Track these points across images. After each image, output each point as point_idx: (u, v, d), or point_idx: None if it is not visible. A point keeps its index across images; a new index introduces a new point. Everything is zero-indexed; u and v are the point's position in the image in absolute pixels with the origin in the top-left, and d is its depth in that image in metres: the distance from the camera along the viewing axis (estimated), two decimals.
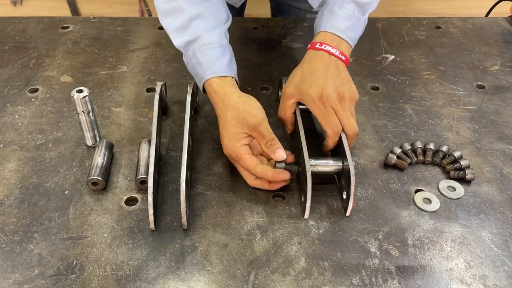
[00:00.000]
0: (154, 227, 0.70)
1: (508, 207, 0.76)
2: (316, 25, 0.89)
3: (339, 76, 0.80)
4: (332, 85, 0.78)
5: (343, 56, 0.83)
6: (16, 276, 0.64)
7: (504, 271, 0.67)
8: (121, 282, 0.64)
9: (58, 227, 0.71)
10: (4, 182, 0.78)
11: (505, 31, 1.23)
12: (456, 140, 0.89)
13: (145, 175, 0.75)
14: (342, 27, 0.84)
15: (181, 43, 0.84)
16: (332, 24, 0.84)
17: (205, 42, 0.82)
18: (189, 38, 0.82)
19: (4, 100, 0.94)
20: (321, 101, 0.77)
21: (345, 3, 0.86)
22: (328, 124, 0.77)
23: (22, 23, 1.19)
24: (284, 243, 0.70)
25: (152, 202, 0.69)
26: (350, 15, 0.85)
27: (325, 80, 0.78)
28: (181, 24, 0.83)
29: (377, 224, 0.73)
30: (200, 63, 0.81)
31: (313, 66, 0.81)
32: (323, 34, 0.85)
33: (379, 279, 0.65)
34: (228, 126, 0.75)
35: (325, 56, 0.82)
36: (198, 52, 0.82)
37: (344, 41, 0.84)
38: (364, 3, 0.86)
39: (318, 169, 0.76)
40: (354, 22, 0.86)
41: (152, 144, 0.75)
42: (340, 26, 0.84)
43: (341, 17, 0.85)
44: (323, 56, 0.82)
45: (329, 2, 0.88)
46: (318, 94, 0.77)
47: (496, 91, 1.02)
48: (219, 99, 0.78)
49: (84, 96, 0.78)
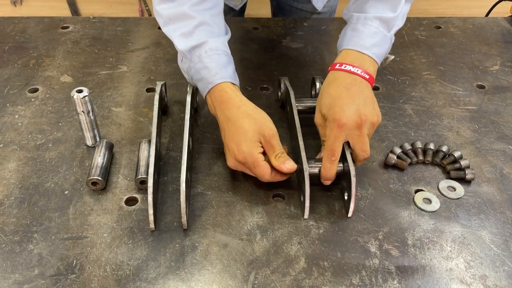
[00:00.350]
0: (154, 227, 0.70)
1: (508, 207, 0.76)
2: (338, 45, 0.86)
3: (361, 96, 0.75)
4: (352, 108, 0.73)
5: (366, 75, 0.78)
6: (16, 276, 0.64)
7: (504, 271, 0.67)
8: (121, 282, 0.64)
9: (58, 227, 0.71)
10: (4, 182, 0.78)
11: (505, 31, 1.23)
12: (456, 140, 0.89)
13: (145, 175, 0.75)
14: (367, 44, 0.80)
15: (185, 47, 0.81)
16: (356, 42, 0.81)
17: (212, 47, 0.80)
18: (195, 43, 0.81)
19: (4, 100, 0.94)
20: (336, 124, 0.73)
21: (368, 20, 0.82)
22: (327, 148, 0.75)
23: (22, 23, 1.19)
24: (284, 243, 0.70)
25: (152, 202, 0.69)
26: (375, 32, 0.82)
27: (345, 102, 0.74)
28: (187, 30, 0.81)
29: (377, 224, 0.73)
30: (207, 68, 0.80)
31: (334, 88, 0.77)
32: (344, 53, 0.81)
33: (379, 279, 0.65)
34: (246, 134, 0.74)
35: (346, 76, 0.78)
36: (205, 57, 0.80)
37: (368, 57, 0.80)
38: (388, 19, 0.82)
39: (318, 171, 0.76)
40: (380, 39, 0.82)
41: (152, 144, 0.75)
42: (364, 43, 0.80)
43: (365, 35, 0.81)
44: (344, 76, 0.78)
45: (351, 21, 0.84)
46: (336, 117, 0.73)
47: (496, 91, 1.02)
48: (234, 105, 0.77)
49: (84, 96, 0.78)
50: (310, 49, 1.13)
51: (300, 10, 1.30)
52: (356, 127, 0.73)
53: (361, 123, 0.73)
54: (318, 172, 0.75)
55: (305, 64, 1.08)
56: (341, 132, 0.73)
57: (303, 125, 0.80)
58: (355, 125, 0.73)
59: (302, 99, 0.88)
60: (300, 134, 0.77)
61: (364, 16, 0.83)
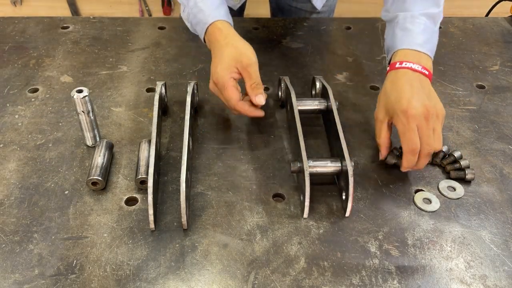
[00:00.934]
0: (154, 227, 0.70)
1: (508, 207, 0.76)
2: (389, 46, 0.88)
3: (425, 91, 0.78)
4: (419, 99, 0.76)
5: (426, 71, 0.81)
6: (16, 276, 0.64)
7: (504, 271, 0.67)
8: (121, 282, 0.64)
9: (58, 227, 0.71)
10: (4, 182, 0.78)
11: (505, 31, 1.23)
12: (456, 140, 0.89)
13: (145, 175, 0.75)
14: (420, 41, 0.83)
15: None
16: (410, 41, 0.84)
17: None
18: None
19: (4, 100, 0.94)
20: (406, 116, 0.75)
21: (415, 18, 0.85)
22: (405, 141, 0.75)
23: (22, 23, 1.19)
24: (284, 243, 0.70)
25: (152, 202, 0.69)
26: (424, 28, 0.85)
27: (411, 94, 0.76)
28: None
29: (377, 224, 0.73)
30: (202, 11, 0.88)
31: (397, 84, 0.80)
32: (401, 52, 0.83)
33: (379, 279, 0.65)
34: (224, 59, 0.82)
35: (408, 73, 0.80)
36: (199, 1, 0.89)
37: (424, 54, 0.83)
38: (434, 14, 0.86)
39: (316, 170, 0.76)
40: (430, 34, 0.85)
41: (152, 144, 0.75)
42: (418, 41, 0.83)
43: (416, 33, 0.84)
44: (406, 73, 0.80)
45: (397, 21, 0.87)
46: (404, 108, 0.75)
47: (496, 91, 1.02)
48: (222, 37, 0.85)
49: (84, 96, 0.78)
50: (310, 49, 1.13)
51: (299, 9, 1.30)
52: (424, 118, 0.74)
53: (428, 114, 0.75)
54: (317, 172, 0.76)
55: (305, 64, 1.08)
56: (413, 123, 0.74)
57: (303, 125, 0.80)
58: (422, 116, 0.74)
59: (302, 99, 0.89)
60: (301, 134, 0.77)
61: (410, 15, 0.86)
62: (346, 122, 0.92)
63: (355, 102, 0.97)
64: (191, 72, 1.04)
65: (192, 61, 1.07)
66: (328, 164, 0.77)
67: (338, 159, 0.77)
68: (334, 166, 0.76)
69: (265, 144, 0.87)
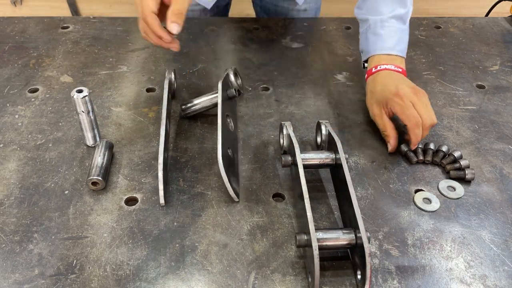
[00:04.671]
0: (164, 202, 0.73)
1: (508, 207, 0.76)
2: (363, 49, 0.96)
3: (404, 79, 0.88)
4: (403, 83, 0.85)
5: (400, 69, 0.90)
6: (16, 276, 0.64)
7: (504, 271, 0.67)
8: (121, 282, 0.64)
9: (58, 227, 0.71)
10: (4, 182, 0.78)
11: (505, 31, 1.23)
12: (456, 140, 0.89)
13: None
14: (391, 45, 0.91)
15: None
16: (381, 46, 0.92)
17: None
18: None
19: (4, 100, 0.94)
20: (399, 96, 0.83)
21: (385, 22, 0.93)
22: (407, 118, 0.81)
23: (22, 23, 1.20)
24: (284, 243, 0.70)
25: (162, 178, 0.72)
26: (394, 31, 0.92)
27: (394, 81, 0.86)
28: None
29: (377, 224, 0.73)
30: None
31: (379, 80, 0.89)
32: (376, 58, 0.92)
33: (379, 279, 0.65)
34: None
35: (385, 71, 0.89)
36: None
37: (396, 56, 0.91)
38: (402, 14, 0.93)
39: (327, 244, 0.65)
40: (400, 35, 0.93)
41: (162, 125, 0.79)
42: (389, 45, 0.91)
43: (387, 37, 0.92)
44: (383, 72, 0.89)
45: (369, 25, 0.95)
46: (394, 91, 0.83)
47: (496, 91, 1.02)
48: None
49: (84, 96, 0.78)
50: (310, 49, 1.13)
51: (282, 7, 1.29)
52: (415, 95, 0.82)
53: (416, 92, 0.83)
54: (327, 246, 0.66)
55: (305, 64, 1.08)
56: (407, 100, 0.82)
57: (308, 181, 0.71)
58: (412, 93, 0.83)
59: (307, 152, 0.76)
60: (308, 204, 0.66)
61: (380, 19, 0.93)
62: (346, 122, 0.92)
63: (355, 102, 0.97)
64: (191, 72, 1.04)
65: (192, 61, 1.08)
66: (340, 236, 0.65)
67: (352, 229, 0.66)
68: (347, 238, 0.65)
69: (265, 144, 0.87)
